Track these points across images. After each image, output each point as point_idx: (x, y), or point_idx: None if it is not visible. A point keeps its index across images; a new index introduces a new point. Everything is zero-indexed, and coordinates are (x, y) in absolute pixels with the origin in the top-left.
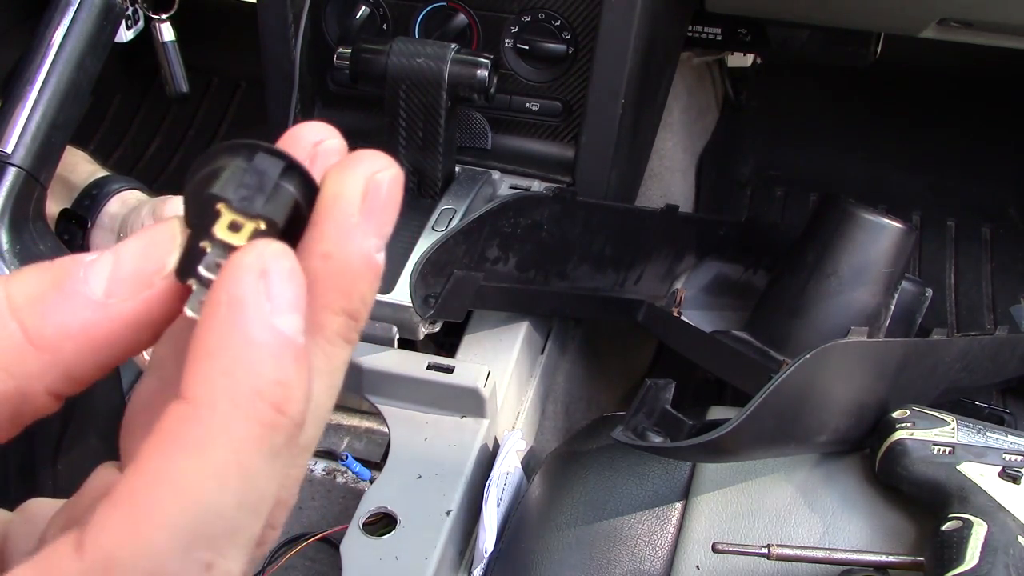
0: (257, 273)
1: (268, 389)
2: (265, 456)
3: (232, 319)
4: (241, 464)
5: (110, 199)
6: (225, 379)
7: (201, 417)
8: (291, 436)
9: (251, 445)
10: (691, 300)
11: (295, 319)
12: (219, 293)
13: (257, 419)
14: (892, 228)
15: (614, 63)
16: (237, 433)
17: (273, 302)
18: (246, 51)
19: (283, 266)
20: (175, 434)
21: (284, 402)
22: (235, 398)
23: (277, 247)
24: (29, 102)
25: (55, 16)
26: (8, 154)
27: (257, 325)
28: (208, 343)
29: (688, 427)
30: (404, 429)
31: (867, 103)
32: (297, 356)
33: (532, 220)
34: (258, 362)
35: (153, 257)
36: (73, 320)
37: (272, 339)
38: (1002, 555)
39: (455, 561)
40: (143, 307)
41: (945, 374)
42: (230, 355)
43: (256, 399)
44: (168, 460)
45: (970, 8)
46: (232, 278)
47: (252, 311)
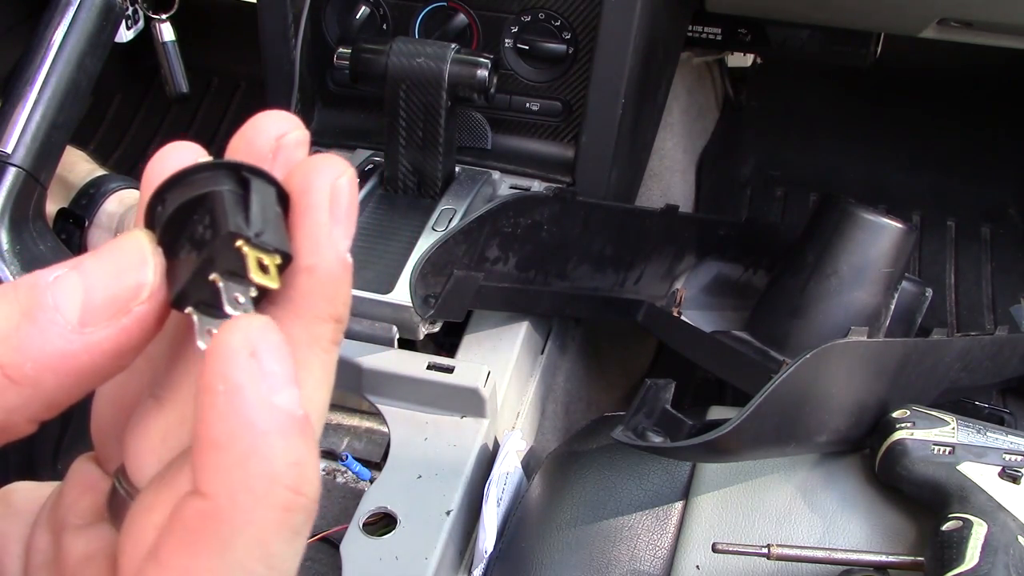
0: (247, 353)
1: (283, 473)
2: (287, 539)
3: (233, 407)
4: (266, 552)
5: (108, 198)
6: (240, 471)
7: (223, 513)
8: (310, 513)
9: (274, 532)
10: (691, 300)
11: (293, 393)
12: (213, 378)
13: (278, 506)
14: (892, 228)
15: (614, 63)
16: (260, 524)
17: (268, 381)
18: (246, 51)
19: (272, 341)
20: (197, 532)
21: (301, 482)
22: (253, 489)
23: (261, 322)
24: (29, 102)
25: (55, 16)
26: (8, 154)
27: (260, 410)
28: (214, 434)
29: (688, 427)
30: (404, 429)
31: (867, 103)
32: (303, 431)
33: (532, 220)
34: (269, 448)
35: (126, 282)
36: (51, 352)
37: (277, 421)
38: (1002, 555)
39: (455, 561)
40: (122, 334)
41: (945, 374)
42: (240, 446)
43: (274, 486)
44: (194, 559)
45: (970, 8)
46: (224, 361)
47: (251, 395)
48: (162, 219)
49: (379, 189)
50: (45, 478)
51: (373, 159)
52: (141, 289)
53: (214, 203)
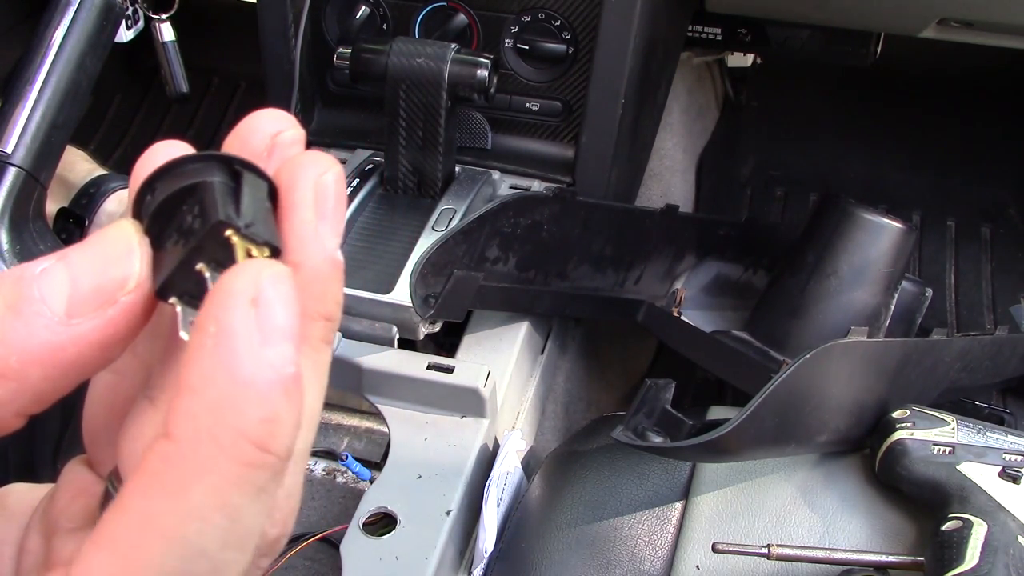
0: (249, 299)
1: (253, 428)
2: (249, 495)
3: (218, 353)
4: (225, 504)
5: (108, 198)
6: (209, 418)
7: (184, 457)
8: (277, 472)
9: (234, 486)
10: (691, 300)
11: (287, 348)
12: (206, 319)
13: (240, 459)
14: (892, 228)
15: (614, 63)
16: (220, 474)
17: (264, 331)
18: (246, 51)
19: (279, 292)
20: (157, 474)
21: (270, 440)
22: (218, 438)
23: (274, 270)
24: (29, 102)
25: (55, 16)
26: (8, 154)
27: (245, 359)
28: (193, 378)
29: (688, 427)
30: (404, 429)
31: (867, 103)
32: (287, 389)
33: (532, 220)
34: (243, 400)
35: (112, 272)
36: (37, 345)
37: (260, 374)
38: (1002, 555)
39: (455, 561)
40: (109, 325)
41: (945, 374)
42: (214, 392)
43: (240, 439)
44: (150, 500)
45: (970, 8)
46: (221, 303)
47: (240, 343)
48: (150, 208)
49: (379, 189)
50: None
51: (373, 159)
52: (127, 279)
53: (204, 193)
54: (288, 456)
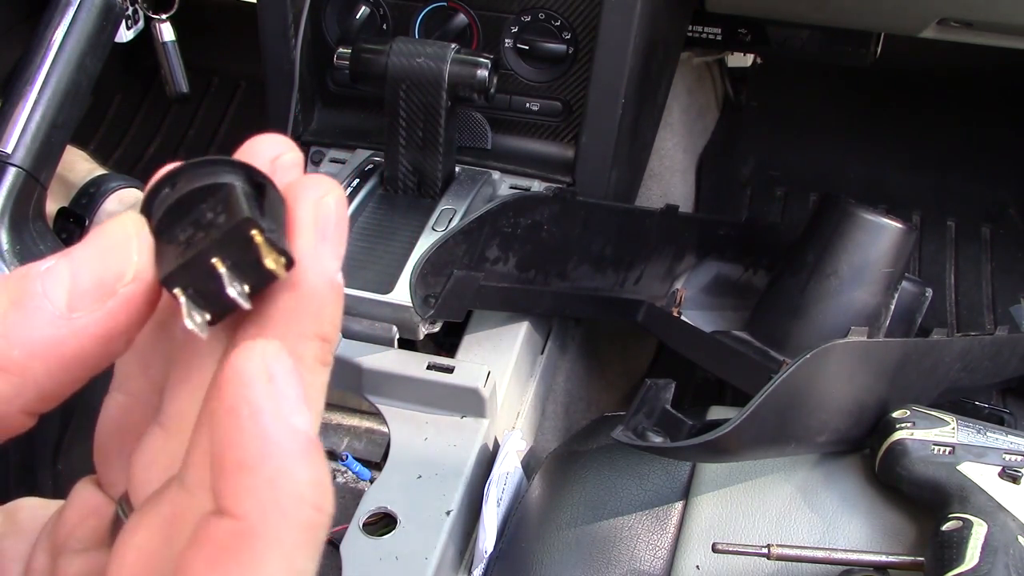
0: (266, 378)
1: (308, 492)
2: (313, 554)
3: (259, 429)
4: (293, 568)
5: (108, 197)
6: (270, 491)
7: (255, 532)
8: (328, 529)
9: (301, 549)
10: (691, 300)
11: (306, 415)
12: (236, 401)
13: (304, 524)
14: (892, 228)
15: (614, 63)
16: (290, 542)
17: (287, 404)
18: (246, 51)
19: (285, 366)
20: (229, 551)
21: (322, 500)
22: (284, 509)
23: (274, 348)
24: (29, 102)
25: (55, 16)
26: (8, 154)
27: (284, 432)
28: (241, 455)
29: (688, 427)
30: (404, 429)
31: (867, 103)
32: (319, 451)
33: (532, 220)
34: (295, 468)
35: (111, 264)
36: (39, 339)
37: (299, 442)
38: (1002, 555)
39: (455, 561)
40: (109, 318)
41: (945, 374)
42: (270, 466)
43: (301, 505)
44: None
45: (970, 8)
46: (246, 384)
47: (274, 418)
48: (168, 200)
49: (379, 189)
50: (45, 478)
51: (373, 159)
52: (126, 271)
53: (230, 193)
54: (333, 512)
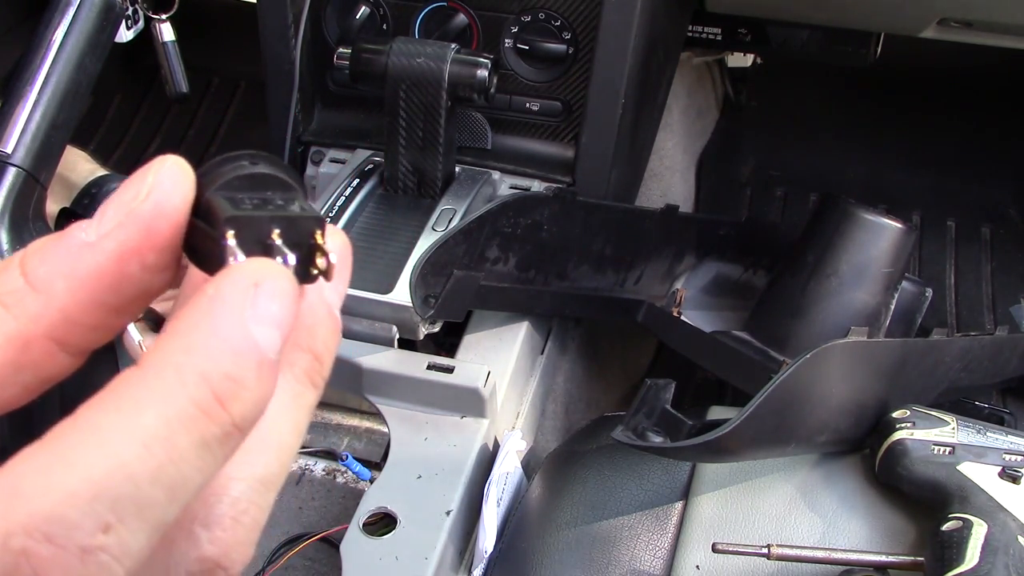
0: (251, 282)
1: (217, 378)
2: (194, 442)
3: (210, 310)
4: (168, 440)
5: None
6: (180, 356)
7: (144, 380)
8: (227, 435)
9: (183, 424)
10: (691, 300)
11: (273, 334)
12: (211, 285)
13: (196, 401)
14: (892, 228)
15: (614, 63)
16: (173, 406)
17: (256, 311)
18: (246, 51)
19: (279, 285)
20: (116, 393)
21: (229, 398)
22: (182, 373)
23: (280, 270)
24: (29, 102)
25: (55, 16)
26: (8, 154)
27: (229, 321)
28: (179, 325)
29: (688, 427)
30: (404, 429)
31: (867, 103)
32: (261, 365)
33: (532, 220)
34: (217, 352)
35: (131, 188)
36: (64, 260)
37: (240, 339)
38: (1002, 555)
39: (455, 561)
40: (121, 233)
41: (945, 374)
42: (194, 338)
43: (201, 382)
44: (101, 413)
45: (970, 8)
46: (226, 278)
47: (230, 309)
48: (247, 169)
49: (379, 189)
50: None
51: (373, 159)
52: (140, 191)
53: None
54: (241, 428)
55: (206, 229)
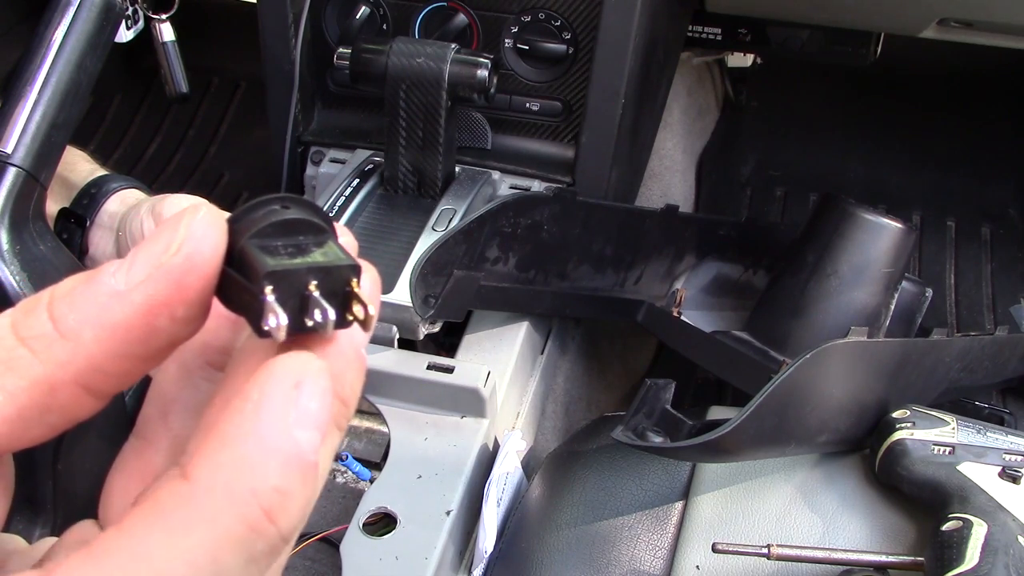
0: (293, 383)
1: (266, 493)
2: (241, 558)
3: (255, 416)
4: (216, 559)
5: (109, 198)
6: (229, 472)
7: (194, 499)
8: (274, 548)
9: (231, 544)
10: (691, 300)
11: (314, 436)
12: (252, 387)
13: (245, 519)
14: (892, 228)
15: (614, 63)
16: (222, 527)
17: (298, 413)
18: (246, 51)
19: (319, 385)
20: (165, 508)
21: (278, 511)
22: (233, 492)
23: (319, 365)
24: (29, 102)
25: (55, 16)
26: (8, 154)
27: (277, 430)
28: (226, 431)
29: (688, 427)
30: (404, 429)
31: (867, 103)
32: (305, 471)
33: (532, 220)
34: (265, 466)
35: (161, 240)
36: (93, 309)
37: (286, 448)
38: (1002, 555)
39: (455, 561)
40: (151, 286)
41: (945, 374)
42: (242, 450)
43: (251, 501)
44: (150, 530)
45: (970, 8)
46: (269, 378)
47: (276, 416)
48: (279, 215)
49: (379, 189)
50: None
51: (373, 159)
52: (171, 244)
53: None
54: (288, 539)
55: (242, 281)
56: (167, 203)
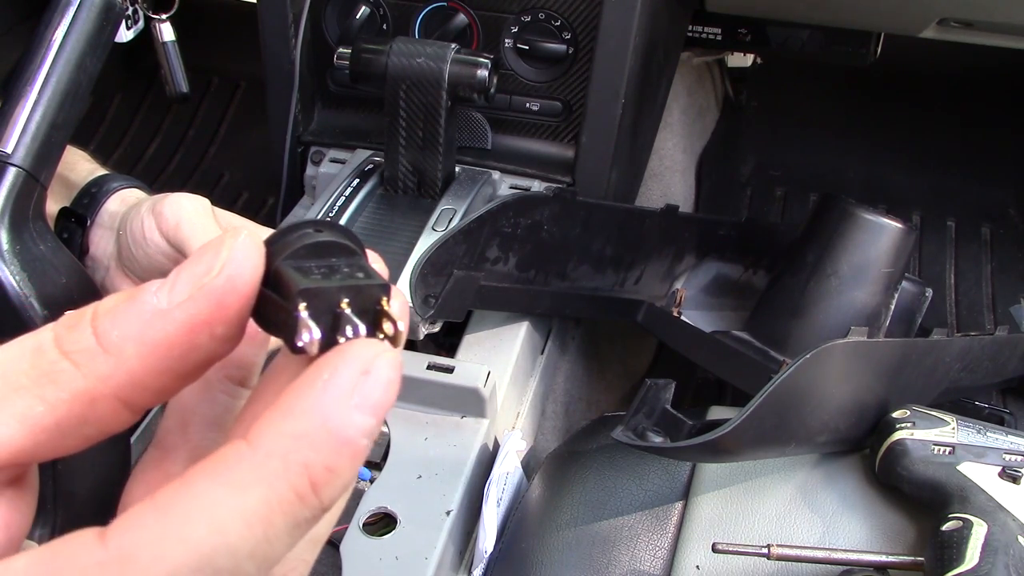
0: (363, 369)
1: (317, 468)
2: (288, 523)
3: (323, 395)
4: (267, 519)
5: (109, 197)
6: (289, 441)
7: (255, 462)
8: (315, 518)
9: (281, 507)
10: (691, 300)
11: (371, 423)
12: (324, 367)
13: (295, 487)
14: (892, 228)
15: (614, 63)
16: (276, 490)
17: (362, 398)
18: (246, 51)
19: (387, 374)
20: (229, 466)
21: (323, 486)
22: (288, 461)
23: (392, 356)
24: (29, 102)
25: (55, 16)
26: (8, 154)
27: (340, 412)
28: (292, 404)
29: (688, 427)
30: (404, 429)
31: (867, 103)
32: (355, 455)
33: (532, 220)
34: (322, 444)
35: (203, 262)
36: (135, 326)
37: (344, 429)
38: (1002, 555)
39: (455, 561)
40: (193, 306)
41: (945, 374)
42: (304, 424)
43: (303, 471)
44: (212, 486)
45: (970, 8)
46: (343, 360)
47: (342, 397)
48: (312, 238)
49: (379, 189)
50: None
51: (373, 159)
52: (213, 266)
53: (366, 262)
54: (325, 511)
55: (277, 300)
56: (168, 202)
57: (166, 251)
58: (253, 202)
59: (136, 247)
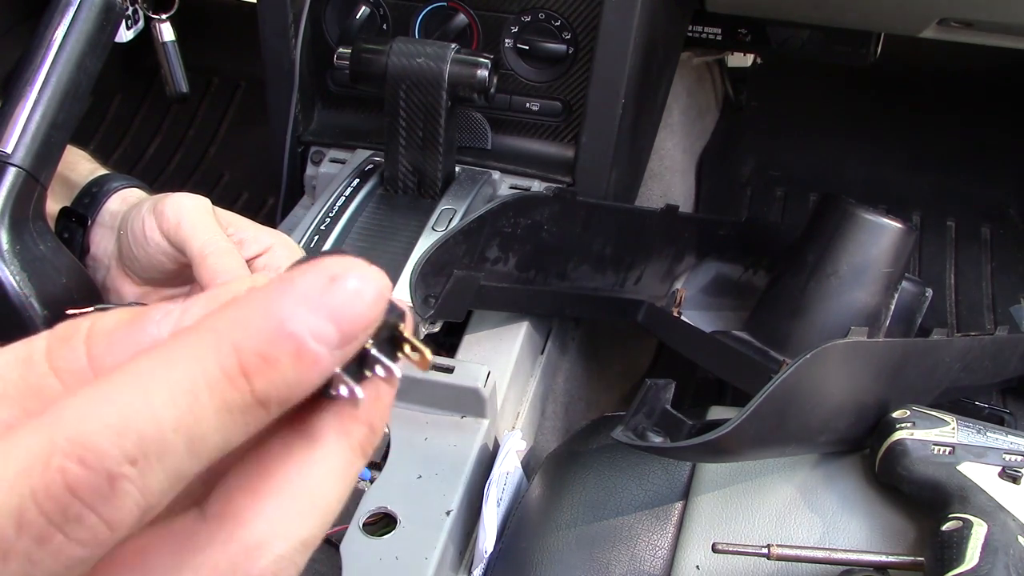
0: (329, 276)
1: (247, 352)
2: (215, 404)
3: (273, 291)
4: (191, 394)
5: (110, 197)
6: (227, 323)
7: (187, 338)
8: (247, 406)
9: (207, 385)
10: (691, 300)
11: (326, 328)
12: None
13: (223, 366)
14: (892, 228)
15: (614, 63)
16: (202, 364)
17: (318, 303)
18: (246, 51)
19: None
20: (166, 344)
21: (255, 374)
22: (219, 341)
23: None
24: (29, 102)
25: (55, 16)
26: (8, 154)
27: (285, 306)
28: (247, 298)
29: (688, 427)
30: (404, 429)
31: (867, 103)
32: (299, 353)
33: (532, 220)
34: (257, 330)
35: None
36: (131, 353)
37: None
38: (1002, 555)
39: (455, 561)
40: None
41: (945, 374)
42: (246, 312)
43: (232, 351)
44: (147, 360)
45: (970, 8)
46: (309, 267)
47: (292, 295)
48: None
49: (379, 189)
50: None
51: (373, 159)
52: None
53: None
54: (264, 406)
55: None
56: (169, 202)
57: (167, 250)
58: (253, 202)
59: (137, 246)
